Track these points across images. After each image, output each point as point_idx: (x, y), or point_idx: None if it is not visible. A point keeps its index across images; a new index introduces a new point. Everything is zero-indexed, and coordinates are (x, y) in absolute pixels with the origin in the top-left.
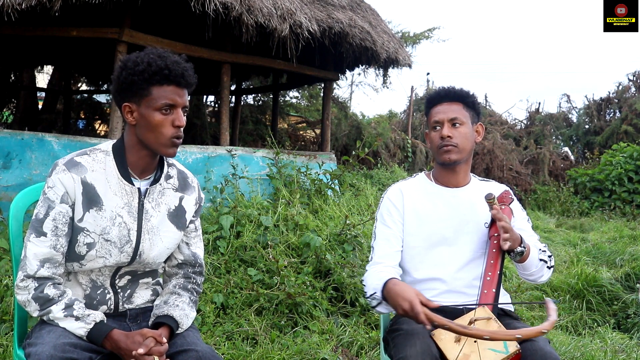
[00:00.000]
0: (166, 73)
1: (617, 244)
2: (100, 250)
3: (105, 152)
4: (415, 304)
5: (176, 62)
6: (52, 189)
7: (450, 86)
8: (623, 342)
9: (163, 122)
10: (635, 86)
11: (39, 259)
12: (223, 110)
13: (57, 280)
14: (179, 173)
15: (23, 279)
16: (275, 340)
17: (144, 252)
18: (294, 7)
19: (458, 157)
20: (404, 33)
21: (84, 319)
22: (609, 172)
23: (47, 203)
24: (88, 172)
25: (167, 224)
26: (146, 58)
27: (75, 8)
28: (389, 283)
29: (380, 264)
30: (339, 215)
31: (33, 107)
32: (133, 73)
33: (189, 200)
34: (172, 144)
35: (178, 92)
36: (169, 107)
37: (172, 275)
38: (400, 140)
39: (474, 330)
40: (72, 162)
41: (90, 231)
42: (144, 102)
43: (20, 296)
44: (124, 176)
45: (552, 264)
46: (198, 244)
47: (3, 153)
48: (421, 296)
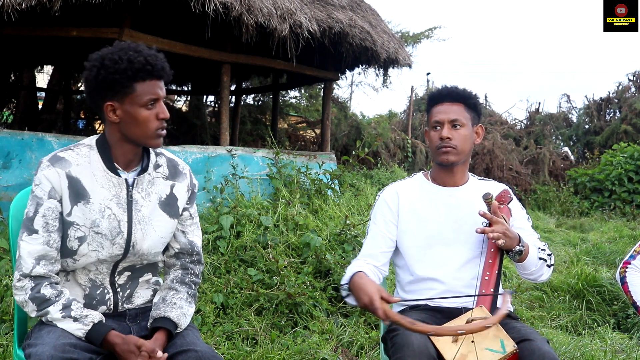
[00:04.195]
0: (149, 69)
1: (617, 244)
2: (92, 243)
3: (89, 146)
4: (374, 299)
5: (154, 56)
6: (39, 186)
7: (453, 86)
8: (623, 342)
9: (149, 117)
10: (635, 86)
11: (33, 257)
12: (223, 110)
13: (53, 280)
14: (169, 161)
15: (20, 278)
16: (275, 340)
17: (137, 242)
18: (294, 7)
19: (456, 158)
20: (404, 33)
21: (81, 320)
22: (609, 172)
23: (35, 200)
24: (72, 166)
25: (159, 213)
26: (125, 55)
27: (75, 8)
28: (355, 276)
29: (361, 260)
30: (339, 215)
31: (33, 107)
32: (114, 71)
33: (180, 187)
34: (157, 135)
35: (159, 85)
36: (153, 102)
37: (171, 266)
38: (400, 140)
39: (420, 327)
40: (56, 157)
41: (80, 225)
42: (127, 99)
43: (18, 296)
44: (110, 168)
45: (552, 263)
46: (195, 232)
47: (3, 153)
48: (383, 291)
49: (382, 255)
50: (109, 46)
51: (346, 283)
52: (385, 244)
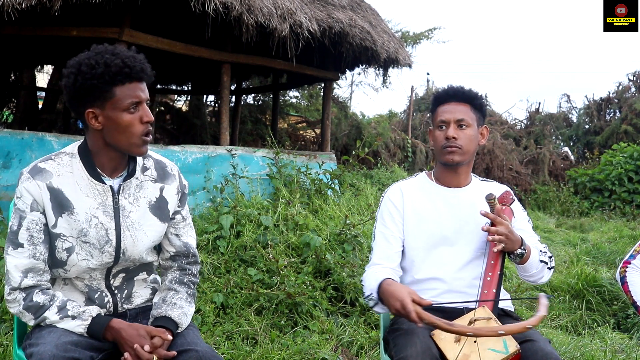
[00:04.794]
0: (127, 71)
1: (617, 244)
2: (80, 253)
3: (70, 154)
4: (406, 302)
5: (132, 57)
6: (21, 199)
7: (460, 86)
8: (623, 342)
9: (132, 121)
10: (635, 86)
11: (20, 270)
12: (223, 110)
13: (44, 286)
14: (157, 163)
15: (10, 292)
16: (275, 340)
17: (127, 249)
18: (294, 7)
19: (461, 159)
20: (404, 33)
21: (80, 317)
22: (609, 172)
23: (18, 214)
24: (54, 177)
25: (150, 217)
26: (101, 59)
27: (75, 8)
28: (383, 283)
29: (378, 264)
30: (339, 215)
31: (33, 107)
32: (92, 77)
33: (170, 189)
34: (143, 142)
35: (140, 87)
36: (135, 105)
37: (168, 268)
38: (400, 140)
39: (459, 327)
40: (36, 168)
41: (66, 236)
42: (108, 104)
43: (12, 309)
44: (94, 176)
45: (552, 265)
46: (189, 233)
47: (3, 153)
48: (414, 294)
49: (396, 255)
50: (86, 50)
51: (371, 293)
52: (397, 243)
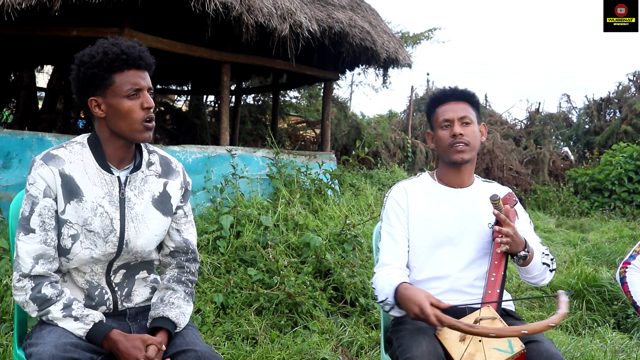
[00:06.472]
0: (124, 58)
1: (617, 244)
2: (84, 241)
3: (81, 143)
4: (425, 306)
5: (131, 46)
6: (34, 185)
7: (454, 86)
8: (623, 342)
9: (132, 107)
10: (635, 86)
11: (32, 256)
12: (223, 110)
13: (53, 279)
14: (162, 159)
15: (19, 279)
16: (275, 340)
17: (130, 240)
18: (294, 7)
19: (470, 155)
20: (404, 33)
21: (82, 320)
22: (609, 172)
23: (30, 200)
24: (66, 164)
25: (153, 211)
26: (100, 49)
27: (75, 8)
28: (400, 288)
29: (388, 265)
30: (339, 215)
31: (33, 107)
32: (91, 66)
33: (173, 185)
34: (145, 128)
35: (140, 74)
36: (135, 92)
37: (167, 265)
38: (400, 140)
39: (481, 329)
40: (49, 155)
41: (73, 223)
42: (109, 92)
43: (18, 297)
44: (102, 166)
45: (554, 267)
46: (190, 230)
47: (3, 153)
48: (431, 298)
49: (404, 255)
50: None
51: (387, 297)
52: (404, 242)
